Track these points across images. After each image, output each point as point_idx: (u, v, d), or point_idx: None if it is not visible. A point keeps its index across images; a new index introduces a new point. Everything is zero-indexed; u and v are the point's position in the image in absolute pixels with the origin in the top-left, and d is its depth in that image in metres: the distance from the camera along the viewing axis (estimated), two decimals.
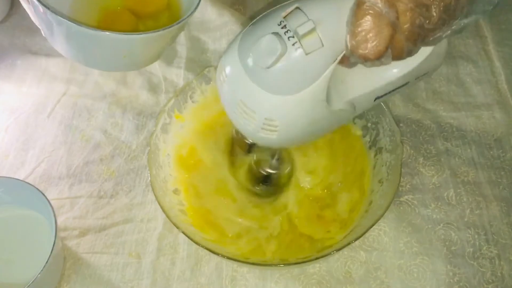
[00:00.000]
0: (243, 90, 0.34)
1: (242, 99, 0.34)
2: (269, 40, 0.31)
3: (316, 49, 0.31)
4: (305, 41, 0.31)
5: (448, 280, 0.46)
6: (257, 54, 0.32)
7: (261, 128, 0.35)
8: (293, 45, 0.31)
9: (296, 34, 0.31)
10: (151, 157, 0.47)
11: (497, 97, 0.58)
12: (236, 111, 0.35)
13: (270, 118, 0.34)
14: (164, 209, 0.43)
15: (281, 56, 0.31)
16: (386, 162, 0.46)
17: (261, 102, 0.34)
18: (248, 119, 0.35)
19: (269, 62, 0.31)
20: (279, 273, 0.48)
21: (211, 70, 0.52)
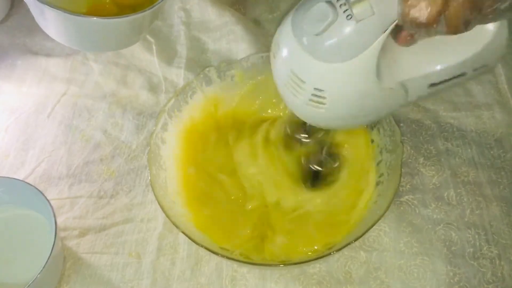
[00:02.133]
0: (294, 60, 0.35)
1: (292, 69, 0.35)
2: (321, 7, 0.32)
3: (367, 16, 0.31)
4: (356, 8, 0.31)
5: (448, 280, 0.46)
6: (308, 21, 0.33)
7: (309, 99, 0.35)
8: (344, 12, 0.31)
9: (347, 1, 0.31)
10: (151, 156, 0.47)
11: (497, 97, 0.58)
12: (287, 83, 0.36)
13: (319, 88, 0.34)
14: (164, 209, 0.44)
15: (332, 22, 0.32)
16: (386, 162, 0.46)
17: (310, 70, 0.34)
18: (297, 91, 0.35)
19: (320, 29, 0.32)
20: (279, 273, 0.48)
21: (211, 69, 0.52)
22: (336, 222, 0.46)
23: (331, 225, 0.46)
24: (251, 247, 0.46)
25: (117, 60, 0.66)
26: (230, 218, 0.48)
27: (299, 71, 0.34)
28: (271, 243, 0.46)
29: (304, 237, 0.46)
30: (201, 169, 0.51)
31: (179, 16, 0.69)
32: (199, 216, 0.48)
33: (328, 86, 0.34)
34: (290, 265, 0.45)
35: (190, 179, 0.50)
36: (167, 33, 0.68)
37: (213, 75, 0.53)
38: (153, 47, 0.66)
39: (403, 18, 0.30)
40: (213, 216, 0.48)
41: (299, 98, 0.35)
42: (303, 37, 0.33)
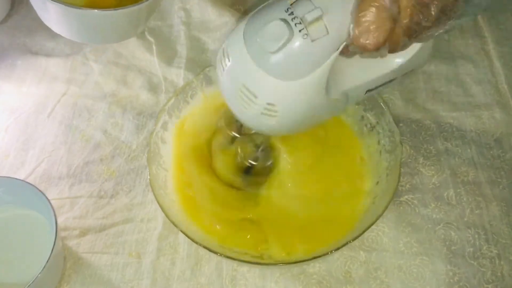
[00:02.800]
0: (246, 74, 0.35)
1: (244, 83, 0.35)
2: (277, 25, 0.32)
3: (321, 36, 0.32)
4: (311, 28, 0.32)
5: (448, 280, 0.46)
6: (264, 39, 0.33)
7: (261, 113, 0.36)
8: (299, 31, 0.32)
9: (303, 21, 0.32)
10: (150, 156, 0.47)
11: (497, 97, 0.58)
12: (237, 96, 0.36)
13: (271, 102, 0.35)
14: (163, 208, 0.44)
15: (288, 41, 0.32)
16: (385, 163, 0.46)
17: (264, 86, 0.34)
18: (249, 104, 0.35)
19: (275, 47, 0.32)
20: (279, 272, 0.48)
21: (211, 69, 0.52)
22: (334, 223, 0.46)
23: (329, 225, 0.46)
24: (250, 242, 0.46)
25: (117, 60, 0.66)
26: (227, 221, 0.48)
27: (252, 86, 0.35)
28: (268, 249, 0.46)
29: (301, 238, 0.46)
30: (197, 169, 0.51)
31: (179, 16, 0.69)
32: (197, 216, 0.48)
33: (280, 101, 0.35)
34: (290, 264, 0.45)
35: (188, 179, 0.50)
36: (167, 33, 0.68)
37: (213, 74, 0.53)
38: (153, 47, 0.66)
39: (353, 42, 0.32)
40: (211, 217, 0.48)
41: (251, 110, 0.36)
42: (256, 54, 0.34)
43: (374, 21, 0.31)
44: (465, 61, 0.61)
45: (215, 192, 0.49)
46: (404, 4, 0.31)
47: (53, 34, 0.68)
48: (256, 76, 0.34)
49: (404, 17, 0.31)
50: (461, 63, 0.61)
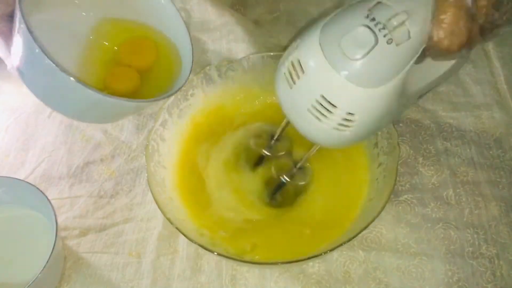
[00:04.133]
0: (326, 84, 0.34)
1: (323, 93, 0.34)
2: (361, 32, 0.32)
3: (405, 41, 0.32)
4: (396, 33, 0.31)
5: (447, 279, 0.46)
6: (347, 46, 0.32)
7: (338, 124, 0.35)
8: (384, 37, 0.32)
9: (387, 26, 0.31)
10: (149, 153, 0.47)
11: (497, 97, 0.58)
12: (312, 108, 0.35)
13: (351, 112, 0.34)
14: (160, 206, 0.43)
15: (373, 47, 0.32)
16: (383, 164, 0.47)
17: (345, 95, 0.34)
18: (325, 116, 0.35)
19: (360, 54, 0.32)
20: (278, 272, 0.48)
21: (212, 68, 0.53)
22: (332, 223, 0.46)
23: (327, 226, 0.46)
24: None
25: None
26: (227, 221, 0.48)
27: (331, 96, 0.34)
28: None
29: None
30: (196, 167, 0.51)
31: None
32: (196, 214, 0.48)
33: (360, 110, 0.34)
34: (289, 264, 0.45)
35: (186, 176, 0.50)
36: None
37: (213, 73, 0.53)
38: None
39: (436, 44, 0.32)
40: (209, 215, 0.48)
41: (326, 123, 0.35)
42: (338, 62, 0.33)
43: (457, 22, 0.31)
44: None
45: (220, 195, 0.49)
46: (481, 4, 0.31)
47: None
48: (337, 86, 0.33)
49: (480, 16, 0.31)
50: None
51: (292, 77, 0.35)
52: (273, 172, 0.49)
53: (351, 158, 0.50)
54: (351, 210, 0.46)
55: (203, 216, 0.48)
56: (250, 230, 0.47)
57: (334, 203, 0.48)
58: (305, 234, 0.46)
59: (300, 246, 0.45)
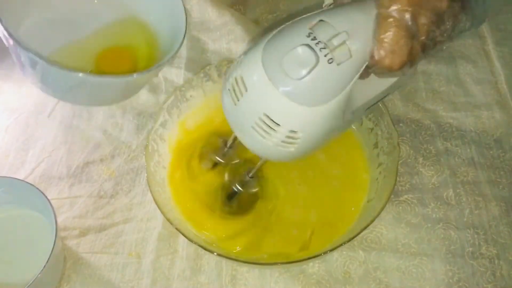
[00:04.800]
0: (268, 102, 0.34)
1: (265, 112, 0.34)
2: (302, 51, 0.32)
3: (345, 60, 0.32)
4: (337, 52, 0.32)
5: (447, 280, 0.46)
6: (288, 65, 0.32)
7: (282, 141, 0.35)
8: (325, 56, 0.32)
9: (328, 46, 0.32)
10: (148, 153, 0.47)
11: (497, 97, 0.58)
12: (255, 125, 0.35)
13: (294, 130, 0.34)
14: (159, 205, 0.43)
15: (314, 67, 0.32)
16: (383, 164, 0.47)
17: (288, 114, 0.34)
18: (269, 133, 0.35)
19: (302, 73, 0.32)
20: (278, 272, 0.48)
21: (211, 68, 0.53)
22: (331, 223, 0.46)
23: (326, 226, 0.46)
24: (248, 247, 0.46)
25: None
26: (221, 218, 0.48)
27: (274, 115, 0.34)
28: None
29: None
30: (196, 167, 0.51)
31: None
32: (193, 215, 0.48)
33: (303, 128, 0.34)
34: (289, 264, 0.45)
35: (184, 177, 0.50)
36: None
37: (213, 73, 0.53)
38: None
39: (377, 63, 0.33)
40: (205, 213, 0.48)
41: (270, 140, 0.35)
42: (280, 81, 0.33)
43: (397, 41, 0.31)
44: (465, 61, 0.61)
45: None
46: (422, 22, 0.31)
47: None
48: (279, 104, 0.33)
49: (422, 34, 0.32)
50: (461, 63, 0.61)
51: (235, 94, 0.35)
52: (225, 180, 0.48)
53: (351, 158, 0.50)
54: (352, 210, 0.46)
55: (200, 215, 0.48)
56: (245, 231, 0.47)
57: (335, 204, 0.48)
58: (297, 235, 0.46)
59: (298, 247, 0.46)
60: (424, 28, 0.32)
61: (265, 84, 0.33)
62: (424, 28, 0.32)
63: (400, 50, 0.32)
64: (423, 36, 0.32)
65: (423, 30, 0.32)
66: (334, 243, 0.41)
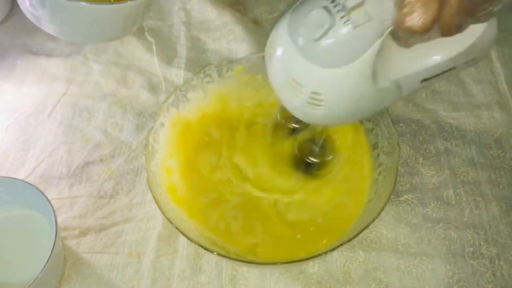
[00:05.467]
0: (291, 64, 0.35)
1: (290, 73, 0.35)
2: (318, 13, 0.32)
3: (364, 22, 0.32)
4: (353, 14, 0.31)
5: (447, 280, 0.46)
6: (306, 27, 0.33)
7: (307, 102, 0.35)
8: (341, 18, 0.32)
9: (344, 7, 0.31)
10: (148, 152, 0.47)
11: (497, 97, 0.58)
12: (284, 85, 0.36)
13: (316, 91, 0.34)
14: (159, 205, 0.43)
15: (330, 29, 0.32)
16: (383, 164, 0.46)
17: (308, 75, 0.34)
18: (295, 93, 0.35)
19: (317, 35, 0.32)
20: (278, 272, 0.48)
21: (211, 67, 0.53)
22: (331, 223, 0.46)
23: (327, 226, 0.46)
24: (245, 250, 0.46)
25: (117, 60, 0.66)
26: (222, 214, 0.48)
27: (297, 75, 0.35)
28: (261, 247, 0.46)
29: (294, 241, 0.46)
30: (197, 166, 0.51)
31: (179, 16, 0.69)
32: (194, 213, 0.48)
33: (325, 90, 0.35)
34: (289, 264, 0.45)
35: (185, 176, 0.50)
36: (167, 33, 0.68)
37: (213, 73, 0.53)
38: (153, 47, 0.66)
39: (398, 26, 0.31)
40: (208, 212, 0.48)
41: (297, 100, 0.36)
42: (300, 42, 0.34)
43: (418, 0, 0.29)
44: None
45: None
46: None
47: None
48: (300, 65, 0.34)
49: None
50: None
51: (269, 55, 0.37)
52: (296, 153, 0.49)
53: (354, 158, 0.50)
54: (352, 210, 0.46)
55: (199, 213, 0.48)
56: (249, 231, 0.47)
57: (335, 204, 0.48)
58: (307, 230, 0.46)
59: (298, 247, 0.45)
60: None
61: (288, 45, 0.34)
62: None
63: (421, 11, 0.29)
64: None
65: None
66: (334, 243, 0.41)
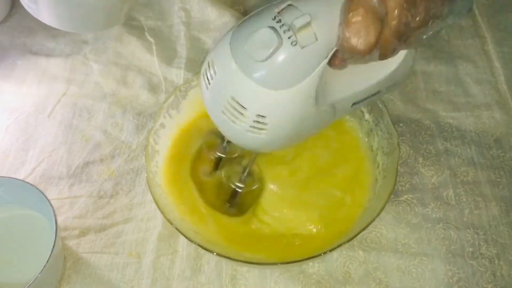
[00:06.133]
0: (235, 86, 0.34)
1: (233, 95, 0.34)
2: (265, 33, 0.32)
3: (310, 43, 0.32)
4: (300, 35, 0.31)
5: (447, 280, 0.46)
6: (251, 47, 0.32)
7: (250, 126, 0.35)
8: (288, 38, 0.31)
9: (292, 28, 0.31)
10: (148, 153, 0.47)
11: (497, 97, 0.58)
12: (225, 109, 0.35)
13: (261, 114, 0.34)
14: (159, 206, 0.43)
15: (277, 49, 0.31)
16: (383, 165, 0.47)
17: (253, 97, 0.34)
18: (237, 117, 0.35)
19: (264, 55, 0.32)
20: (278, 272, 0.48)
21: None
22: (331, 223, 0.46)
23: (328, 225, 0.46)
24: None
25: (117, 60, 0.66)
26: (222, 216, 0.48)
27: (241, 98, 0.34)
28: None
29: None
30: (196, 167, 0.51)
31: (179, 16, 0.69)
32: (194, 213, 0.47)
33: (270, 113, 0.34)
34: (289, 264, 0.45)
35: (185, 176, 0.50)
36: (167, 33, 0.68)
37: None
38: (153, 47, 0.66)
39: (343, 45, 0.32)
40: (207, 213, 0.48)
41: (240, 125, 0.35)
42: (244, 63, 0.33)
43: (364, 22, 0.30)
44: (465, 61, 0.62)
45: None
46: (391, 5, 0.30)
47: (53, 34, 0.69)
48: (245, 87, 0.33)
49: (392, 18, 0.31)
50: (461, 63, 0.61)
51: (207, 77, 0.36)
52: (223, 179, 0.49)
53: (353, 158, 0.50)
54: (352, 211, 0.46)
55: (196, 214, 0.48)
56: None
57: (335, 203, 0.48)
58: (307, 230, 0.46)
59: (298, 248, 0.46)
60: (393, 11, 0.30)
61: (231, 67, 0.33)
62: (394, 11, 0.30)
63: (366, 31, 0.31)
64: (394, 20, 0.31)
65: (393, 13, 0.30)
66: (334, 243, 0.41)
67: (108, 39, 0.68)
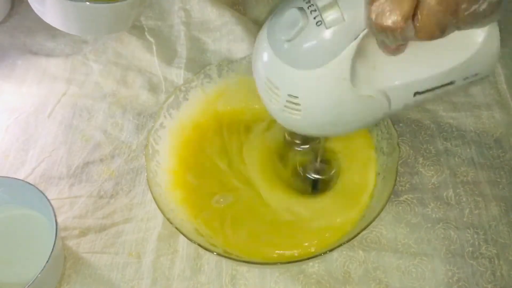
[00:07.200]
0: (269, 66, 0.35)
1: (268, 75, 0.35)
2: (293, 13, 0.32)
3: (337, 23, 0.31)
4: (326, 15, 0.31)
5: (447, 280, 0.46)
6: (281, 27, 0.33)
7: (285, 106, 0.35)
8: (314, 19, 0.32)
9: (318, 8, 0.31)
10: (148, 152, 0.47)
11: (497, 97, 0.58)
12: (264, 89, 0.36)
13: (292, 94, 0.34)
14: (159, 206, 0.44)
15: (302, 29, 0.32)
16: (383, 165, 0.47)
17: (284, 77, 0.34)
18: (273, 97, 0.35)
19: (291, 35, 0.32)
20: (278, 272, 0.48)
21: (212, 67, 0.53)
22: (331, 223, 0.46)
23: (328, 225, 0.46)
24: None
25: (117, 60, 0.66)
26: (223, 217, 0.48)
27: (273, 77, 0.35)
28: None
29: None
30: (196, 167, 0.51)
31: (179, 16, 0.69)
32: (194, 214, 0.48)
33: (301, 93, 0.34)
34: (289, 264, 0.45)
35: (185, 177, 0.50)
36: (167, 33, 0.68)
37: (214, 73, 0.53)
38: (153, 47, 0.66)
39: (368, 24, 0.30)
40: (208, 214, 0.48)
41: (276, 104, 0.36)
42: (275, 44, 0.34)
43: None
44: None
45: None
46: None
47: (53, 34, 0.69)
48: (276, 67, 0.34)
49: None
50: None
51: (253, 59, 0.37)
52: (299, 170, 0.49)
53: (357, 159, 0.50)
54: (352, 211, 0.46)
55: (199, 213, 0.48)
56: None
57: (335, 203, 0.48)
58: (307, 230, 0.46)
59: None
60: None
61: (266, 47, 0.35)
62: None
63: (393, 8, 0.28)
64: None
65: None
66: (334, 243, 0.41)
67: (108, 39, 0.68)
